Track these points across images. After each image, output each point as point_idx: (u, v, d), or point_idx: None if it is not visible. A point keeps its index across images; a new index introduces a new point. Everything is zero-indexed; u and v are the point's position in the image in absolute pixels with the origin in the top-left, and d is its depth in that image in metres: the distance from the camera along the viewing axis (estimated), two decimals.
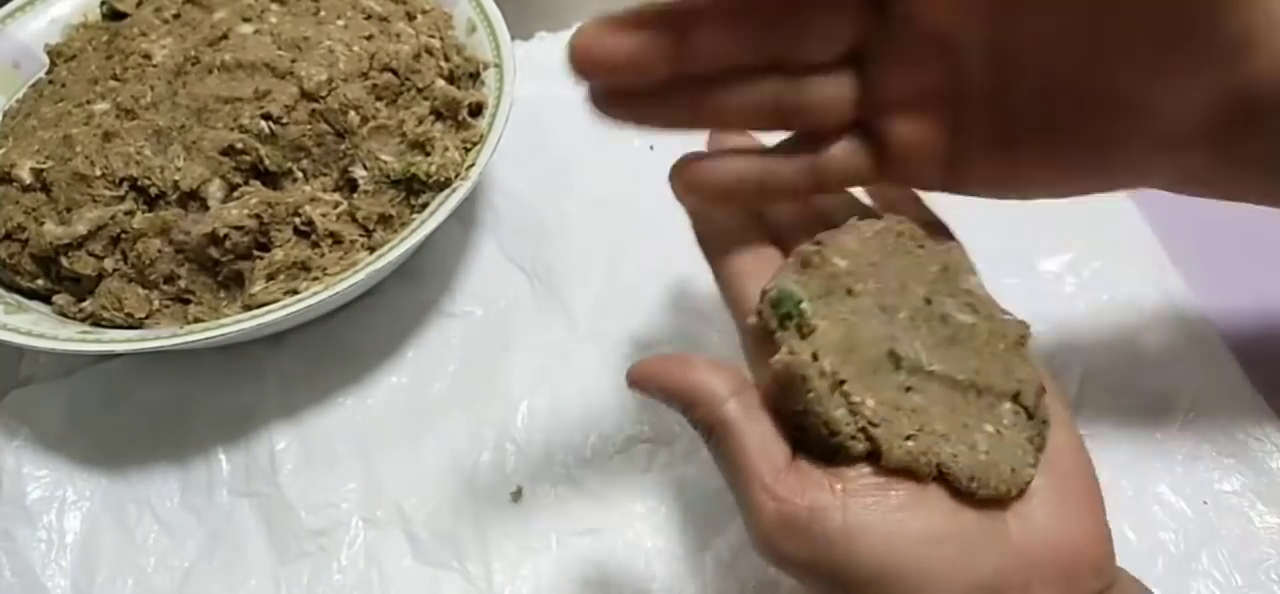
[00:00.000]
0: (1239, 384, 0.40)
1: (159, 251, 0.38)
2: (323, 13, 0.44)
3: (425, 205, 0.41)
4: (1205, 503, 0.36)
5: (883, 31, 0.25)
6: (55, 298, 0.40)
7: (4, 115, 0.45)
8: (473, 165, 0.41)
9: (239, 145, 0.39)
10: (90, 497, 0.40)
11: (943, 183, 0.27)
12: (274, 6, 0.44)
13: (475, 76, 0.46)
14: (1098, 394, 0.40)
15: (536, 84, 0.53)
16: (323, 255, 0.40)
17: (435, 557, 0.37)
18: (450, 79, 0.45)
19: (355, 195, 0.41)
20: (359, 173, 0.41)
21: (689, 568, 0.36)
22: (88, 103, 0.42)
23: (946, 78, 0.25)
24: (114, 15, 0.47)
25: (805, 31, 0.25)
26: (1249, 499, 0.36)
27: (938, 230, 0.29)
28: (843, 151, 0.27)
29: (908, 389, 0.25)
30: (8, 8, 0.48)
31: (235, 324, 0.37)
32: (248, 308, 0.38)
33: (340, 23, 0.44)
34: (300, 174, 0.40)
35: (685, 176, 0.28)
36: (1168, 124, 0.23)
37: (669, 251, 0.44)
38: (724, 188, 0.28)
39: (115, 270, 0.39)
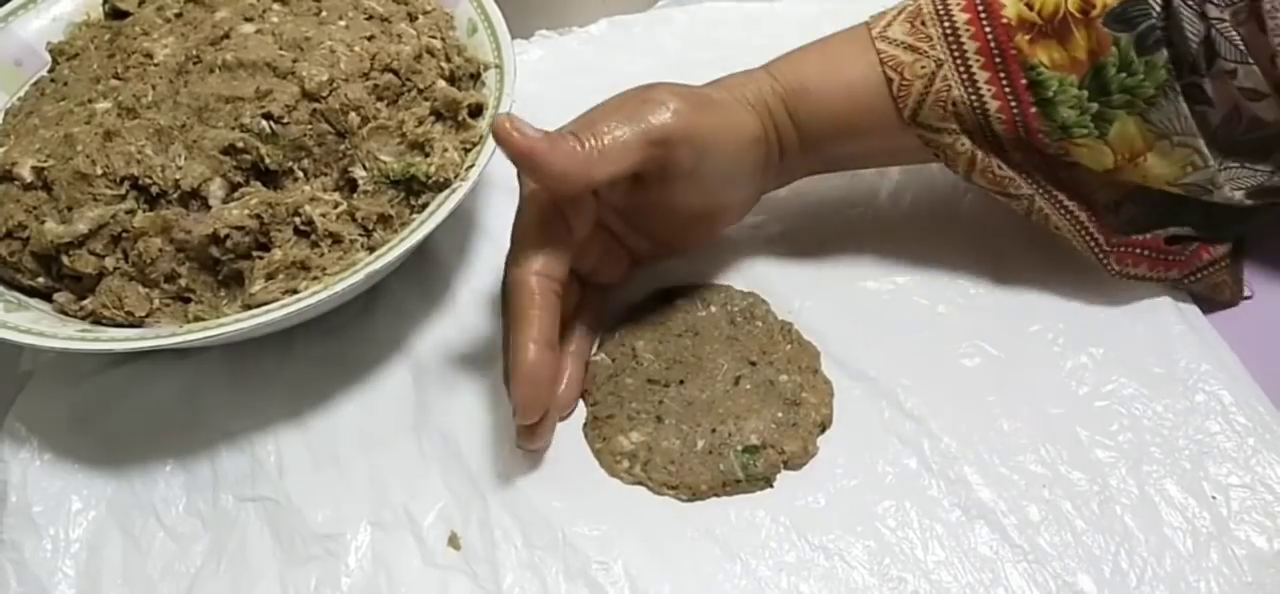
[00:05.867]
0: (1245, 382, 0.40)
1: (160, 250, 0.38)
2: (324, 13, 0.44)
3: (425, 206, 0.41)
4: (1214, 498, 0.36)
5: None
6: (56, 296, 0.40)
7: (6, 113, 0.45)
8: (472, 166, 0.41)
9: (240, 144, 0.39)
10: (96, 505, 0.39)
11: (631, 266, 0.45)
12: (276, 6, 0.44)
13: (476, 77, 0.46)
14: (1104, 393, 0.40)
15: (537, 84, 0.53)
16: (322, 255, 0.39)
17: (443, 558, 0.37)
18: (451, 79, 0.44)
19: (355, 195, 0.41)
20: (358, 173, 0.41)
21: (697, 563, 0.36)
22: (89, 101, 0.42)
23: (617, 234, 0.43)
24: (116, 14, 0.47)
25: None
26: (1259, 493, 0.36)
27: None
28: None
29: None
30: (10, 5, 0.48)
31: (234, 323, 0.37)
32: (247, 307, 0.38)
33: (342, 23, 0.43)
34: (301, 174, 0.40)
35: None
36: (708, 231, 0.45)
37: None
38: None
39: (116, 269, 0.39)
